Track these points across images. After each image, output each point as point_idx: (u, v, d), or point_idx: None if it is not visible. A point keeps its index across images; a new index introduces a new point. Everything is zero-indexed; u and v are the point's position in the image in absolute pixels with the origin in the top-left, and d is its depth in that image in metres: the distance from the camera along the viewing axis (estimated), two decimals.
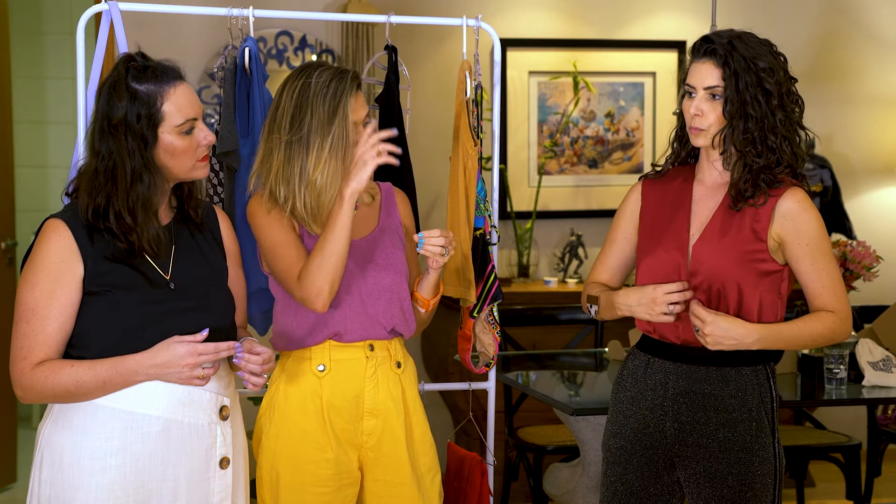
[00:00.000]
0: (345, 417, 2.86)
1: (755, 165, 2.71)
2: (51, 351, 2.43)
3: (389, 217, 2.99)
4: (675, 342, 2.79)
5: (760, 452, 2.74)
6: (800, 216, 2.71)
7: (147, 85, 2.47)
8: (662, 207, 2.86)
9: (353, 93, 2.82)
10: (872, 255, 4.02)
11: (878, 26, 5.98)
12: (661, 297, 2.70)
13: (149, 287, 2.48)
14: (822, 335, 2.73)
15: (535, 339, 5.01)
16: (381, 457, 2.90)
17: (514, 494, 4.88)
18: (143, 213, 2.47)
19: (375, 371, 2.88)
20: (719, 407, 2.75)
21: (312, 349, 2.87)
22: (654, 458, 2.82)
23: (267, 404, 2.91)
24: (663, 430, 2.79)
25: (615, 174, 5.76)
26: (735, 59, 2.69)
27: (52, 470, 2.47)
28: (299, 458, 2.84)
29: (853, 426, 5.29)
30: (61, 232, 2.45)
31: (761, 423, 2.75)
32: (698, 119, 2.74)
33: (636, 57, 5.73)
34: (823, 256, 2.73)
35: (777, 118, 2.70)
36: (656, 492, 2.83)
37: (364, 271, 2.88)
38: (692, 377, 2.77)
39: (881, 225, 5.96)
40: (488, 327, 3.41)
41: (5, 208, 5.41)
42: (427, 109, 5.21)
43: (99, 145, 2.47)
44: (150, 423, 2.47)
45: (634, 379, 2.85)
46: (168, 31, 4.97)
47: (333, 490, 2.85)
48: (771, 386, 2.79)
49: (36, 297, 2.43)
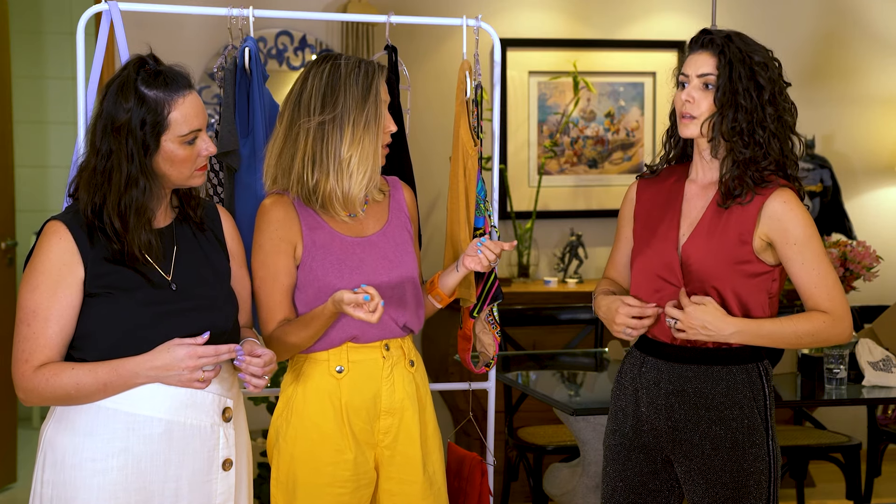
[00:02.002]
0: (363, 418, 2.86)
1: (740, 157, 2.72)
2: (52, 353, 2.43)
3: (399, 211, 2.99)
4: (667, 342, 2.81)
5: (753, 450, 2.75)
6: (786, 216, 2.71)
7: (156, 91, 2.45)
8: (655, 207, 2.88)
9: (382, 76, 2.84)
10: (872, 255, 4.02)
11: (878, 26, 5.98)
12: (619, 319, 2.77)
13: (150, 288, 2.48)
14: (810, 334, 2.72)
15: (535, 339, 5.01)
16: (395, 455, 2.90)
17: (514, 494, 4.88)
18: (136, 218, 2.45)
19: (392, 371, 2.89)
20: (710, 405, 2.76)
21: (330, 351, 2.86)
22: (651, 456, 2.84)
23: (284, 406, 2.90)
24: (658, 428, 2.81)
25: (615, 174, 5.76)
26: (731, 50, 2.73)
27: (55, 471, 2.46)
28: (318, 460, 2.84)
29: (853, 426, 5.29)
30: (61, 234, 2.45)
31: (754, 422, 2.75)
32: (689, 105, 2.76)
33: (636, 57, 5.73)
34: (814, 256, 2.71)
35: (767, 113, 2.72)
36: (655, 488, 2.84)
37: (378, 269, 2.88)
38: (683, 376, 2.78)
39: (881, 225, 5.96)
40: (488, 327, 3.41)
41: (5, 208, 5.41)
42: (427, 109, 5.21)
43: (100, 143, 2.46)
44: (152, 425, 2.46)
45: (631, 377, 2.87)
46: (168, 31, 4.97)
47: (351, 490, 2.85)
48: (764, 384, 2.79)
49: (37, 299, 2.42)
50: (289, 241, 2.84)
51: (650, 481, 2.84)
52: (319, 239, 2.86)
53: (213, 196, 3.32)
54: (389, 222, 2.95)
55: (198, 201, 2.63)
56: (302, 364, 2.88)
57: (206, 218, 2.65)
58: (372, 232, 2.92)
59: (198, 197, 2.64)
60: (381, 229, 2.94)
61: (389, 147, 2.94)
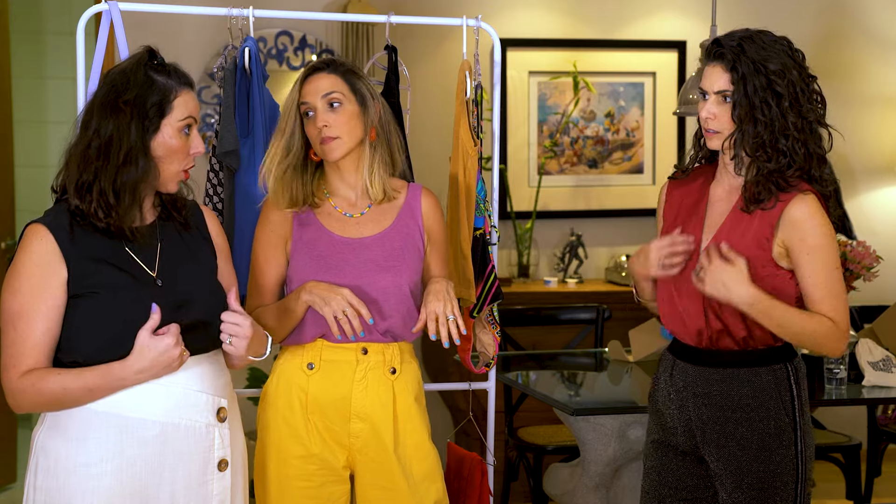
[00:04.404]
0: (330, 417, 2.88)
1: (765, 170, 2.71)
2: (39, 356, 2.40)
3: (410, 217, 2.97)
4: (692, 345, 2.82)
5: (781, 451, 2.76)
6: (804, 224, 2.70)
7: (165, 78, 2.51)
8: (683, 208, 2.89)
9: (303, 78, 2.90)
10: (872, 255, 4.01)
11: (878, 26, 5.98)
12: (653, 252, 2.77)
13: (135, 285, 2.46)
14: (811, 335, 2.71)
15: (535, 339, 5.01)
16: (369, 461, 2.91)
17: (514, 494, 4.88)
18: (130, 196, 2.46)
19: (365, 375, 2.89)
20: (736, 406, 2.78)
21: (305, 346, 2.90)
22: (686, 454, 2.87)
23: (263, 393, 2.97)
24: (690, 428, 2.84)
25: (615, 174, 5.76)
26: (743, 63, 2.68)
27: (48, 476, 2.45)
28: (286, 452, 2.89)
29: (853, 426, 5.28)
30: (42, 235, 2.44)
31: (780, 423, 2.76)
32: (711, 122, 2.75)
33: (636, 57, 5.73)
34: (823, 266, 2.70)
35: (789, 120, 2.69)
36: (693, 484, 2.88)
37: (361, 271, 2.88)
38: (710, 379, 2.80)
39: (881, 225, 5.96)
40: (488, 327, 3.41)
41: (5, 208, 5.40)
42: (427, 109, 5.21)
43: (98, 122, 2.46)
44: (146, 428, 2.45)
45: (664, 379, 2.90)
46: (168, 31, 4.97)
47: (317, 486, 2.89)
48: (791, 385, 2.79)
49: (20, 302, 2.41)
50: (280, 234, 2.92)
51: (686, 477, 2.88)
52: (307, 235, 2.91)
53: (213, 196, 3.32)
54: (393, 227, 2.95)
55: (183, 202, 2.63)
56: (281, 356, 2.95)
57: (191, 216, 2.64)
58: (369, 234, 2.93)
59: (183, 199, 2.64)
60: (379, 232, 2.93)
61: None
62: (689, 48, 5.71)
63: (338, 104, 2.86)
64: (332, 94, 2.86)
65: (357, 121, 2.88)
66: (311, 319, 2.86)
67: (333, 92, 2.86)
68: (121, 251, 2.48)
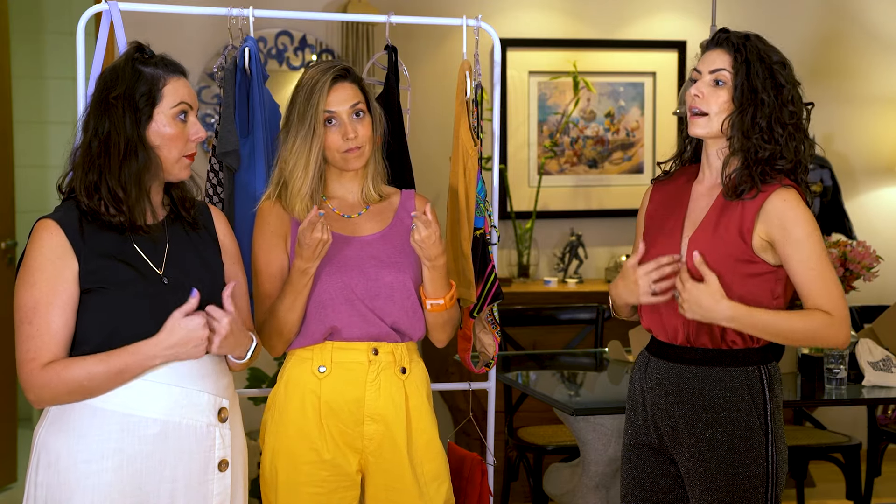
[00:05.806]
0: (344, 420, 2.87)
1: (755, 156, 2.70)
2: (58, 349, 2.41)
3: (407, 219, 2.98)
4: (668, 342, 2.81)
5: (750, 454, 2.73)
6: (786, 215, 2.69)
7: (153, 68, 2.53)
8: (664, 207, 2.89)
9: (328, 86, 2.87)
10: (872, 255, 4.01)
11: (878, 26, 5.98)
12: (641, 278, 2.75)
13: (142, 282, 2.47)
14: (807, 333, 2.70)
15: (535, 339, 5.01)
16: (382, 462, 2.90)
17: (514, 494, 4.88)
18: (136, 188, 2.48)
19: (378, 376, 2.89)
20: (707, 406, 2.76)
21: (313, 349, 2.88)
22: (658, 453, 2.85)
23: (270, 401, 2.94)
24: (661, 428, 2.82)
25: (615, 174, 5.76)
26: (748, 49, 2.71)
27: (49, 472, 2.45)
28: (296, 458, 2.86)
29: (853, 426, 5.29)
30: (52, 230, 2.45)
31: (751, 425, 2.74)
32: (698, 100, 2.74)
33: (636, 57, 5.73)
34: (813, 256, 2.68)
35: (786, 112, 2.71)
36: (666, 485, 2.86)
37: (365, 268, 2.89)
38: (683, 377, 2.78)
39: (881, 225, 5.96)
40: (488, 327, 3.41)
41: (5, 208, 5.41)
42: (427, 109, 5.21)
43: (94, 121, 2.49)
44: (147, 426, 2.46)
45: (639, 377, 2.89)
46: (168, 31, 4.97)
47: (329, 491, 2.86)
48: (764, 388, 2.77)
49: (36, 295, 2.42)
50: (280, 234, 2.91)
51: (659, 478, 2.86)
52: None
53: (213, 196, 3.32)
54: (391, 226, 2.97)
55: (192, 202, 2.64)
56: (289, 361, 2.93)
57: (199, 217, 2.66)
58: (369, 233, 2.94)
59: (192, 199, 2.65)
60: (380, 231, 2.95)
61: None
62: (689, 48, 5.71)
63: (362, 114, 2.91)
64: (359, 104, 2.90)
65: (372, 130, 2.94)
66: (316, 316, 2.86)
67: (359, 102, 2.90)
68: (129, 248, 2.50)
